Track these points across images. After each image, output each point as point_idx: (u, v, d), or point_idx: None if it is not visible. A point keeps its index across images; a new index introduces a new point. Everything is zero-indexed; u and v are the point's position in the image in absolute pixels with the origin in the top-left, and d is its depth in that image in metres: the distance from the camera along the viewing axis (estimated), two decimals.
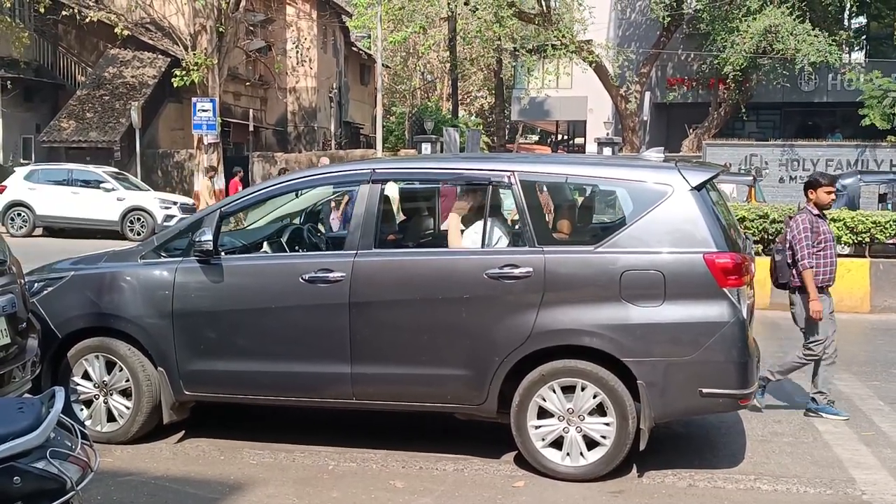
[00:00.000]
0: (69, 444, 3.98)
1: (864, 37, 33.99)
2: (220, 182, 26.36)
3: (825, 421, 7.37)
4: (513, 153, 31.55)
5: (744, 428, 7.10)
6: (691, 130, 30.17)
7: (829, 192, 7.37)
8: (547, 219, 6.78)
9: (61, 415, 3.95)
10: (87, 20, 27.15)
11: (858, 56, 33.18)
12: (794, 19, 25.58)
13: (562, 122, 42.36)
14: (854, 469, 6.22)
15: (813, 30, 25.70)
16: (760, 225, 13.85)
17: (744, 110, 29.63)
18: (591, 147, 32.19)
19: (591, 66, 28.45)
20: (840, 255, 14.12)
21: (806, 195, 7.44)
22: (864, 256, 14.00)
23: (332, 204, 12.15)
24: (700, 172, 6.01)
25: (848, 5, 29.16)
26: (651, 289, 5.66)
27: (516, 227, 6.22)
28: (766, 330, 10.89)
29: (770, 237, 14.19)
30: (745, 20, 26.04)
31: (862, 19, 33.53)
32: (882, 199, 20.46)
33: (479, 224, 6.24)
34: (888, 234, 13.92)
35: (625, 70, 30.89)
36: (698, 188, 5.80)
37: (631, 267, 5.71)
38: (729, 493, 5.75)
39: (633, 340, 5.66)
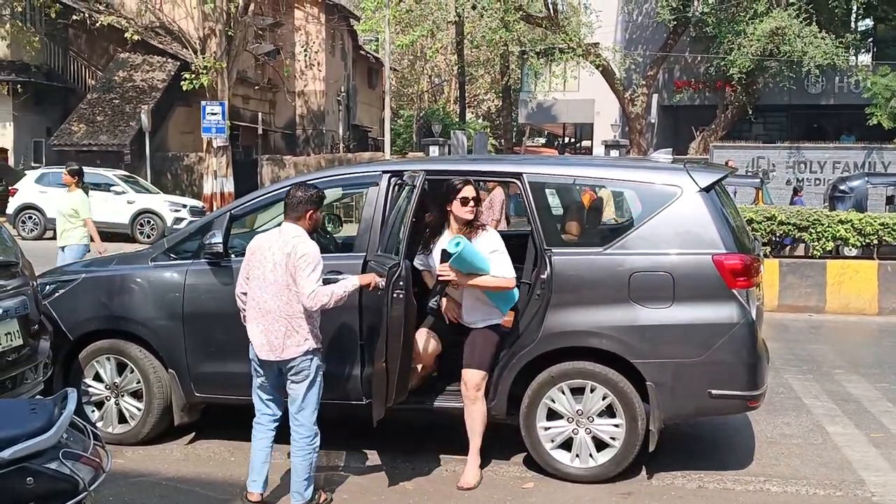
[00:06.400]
0: (82, 445, 3.98)
1: (870, 39, 33.88)
2: (229, 184, 26.40)
3: (834, 422, 7.35)
4: (520, 155, 31.53)
5: (753, 430, 7.08)
6: (698, 133, 30.07)
7: None
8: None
9: (74, 416, 3.95)
10: (98, 24, 27.20)
11: (865, 58, 33.07)
12: (801, 22, 25.50)
13: (569, 124, 42.28)
14: (863, 471, 6.19)
15: (819, 32, 25.61)
16: (768, 227, 13.81)
17: (750, 112, 29.52)
18: (599, 150, 32.09)
19: (598, 69, 28.40)
20: (848, 257, 14.20)
21: None
22: (873, 258, 13.94)
23: None
24: (709, 174, 6.00)
25: (855, 7, 29.13)
26: (660, 290, 5.64)
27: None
28: (774, 332, 10.86)
29: (777, 239, 14.17)
30: (752, 23, 25.96)
31: (869, 21, 33.43)
32: (890, 201, 20.37)
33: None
34: None
35: (632, 73, 30.83)
36: (707, 189, 5.78)
37: (640, 268, 5.69)
38: (738, 494, 5.74)
39: (642, 342, 5.64)
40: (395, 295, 5.21)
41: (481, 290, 5.69)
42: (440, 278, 5.65)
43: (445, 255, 5.54)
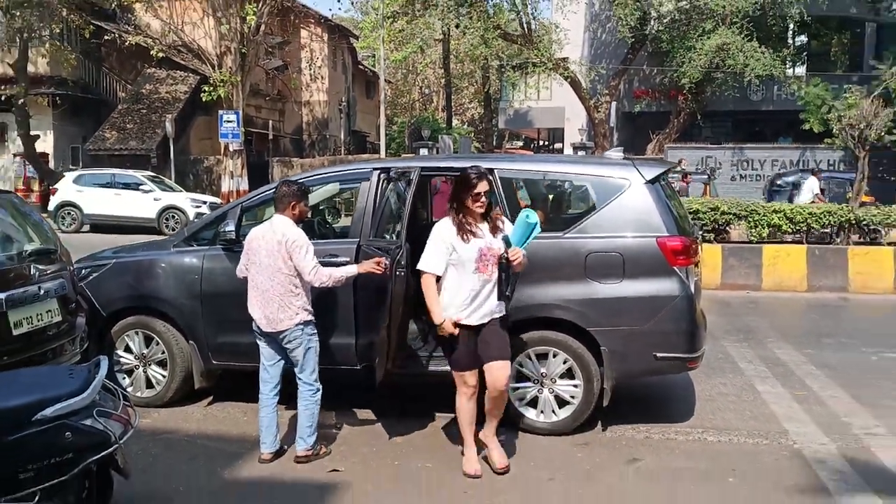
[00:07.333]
0: (113, 405, 4.08)
1: (805, 53, 33.98)
2: (244, 183, 26.38)
3: (764, 383, 7.48)
4: (495, 154, 31.56)
5: (694, 389, 7.21)
6: (654, 136, 30.15)
7: None
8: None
9: (105, 380, 4.04)
10: (127, 43, 27.12)
11: (800, 70, 33.15)
12: (743, 38, 25.54)
13: (542, 129, 42.30)
14: (787, 423, 6.33)
15: (760, 47, 25.66)
16: (712, 216, 13.97)
17: (700, 118, 29.60)
18: (568, 151, 32.18)
19: (567, 80, 28.40)
20: (781, 242, 14.35)
21: None
22: (802, 243, 14.11)
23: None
24: (653, 168, 6.10)
25: (791, 25, 29.15)
26: (612, 268, 5.75)
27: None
28: (717, 307, 10.99)
29: (721, 227, 14.32)
30: (700, 39, 26.01)
31: (803, 38, 33.50)
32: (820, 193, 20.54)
33: None
34: (822, 224, 14.04)
35: (596, 84, 30.86)
36: (652, 181, 5.88)
37: (595, 250, 5.80)
38: (680, 443, 5.87)
39: (597, 313, 5.75)
40: (398, 273, 5.35)
41: None
42: (516, 262, 5.02)
43: (507, 240, 5.11)
